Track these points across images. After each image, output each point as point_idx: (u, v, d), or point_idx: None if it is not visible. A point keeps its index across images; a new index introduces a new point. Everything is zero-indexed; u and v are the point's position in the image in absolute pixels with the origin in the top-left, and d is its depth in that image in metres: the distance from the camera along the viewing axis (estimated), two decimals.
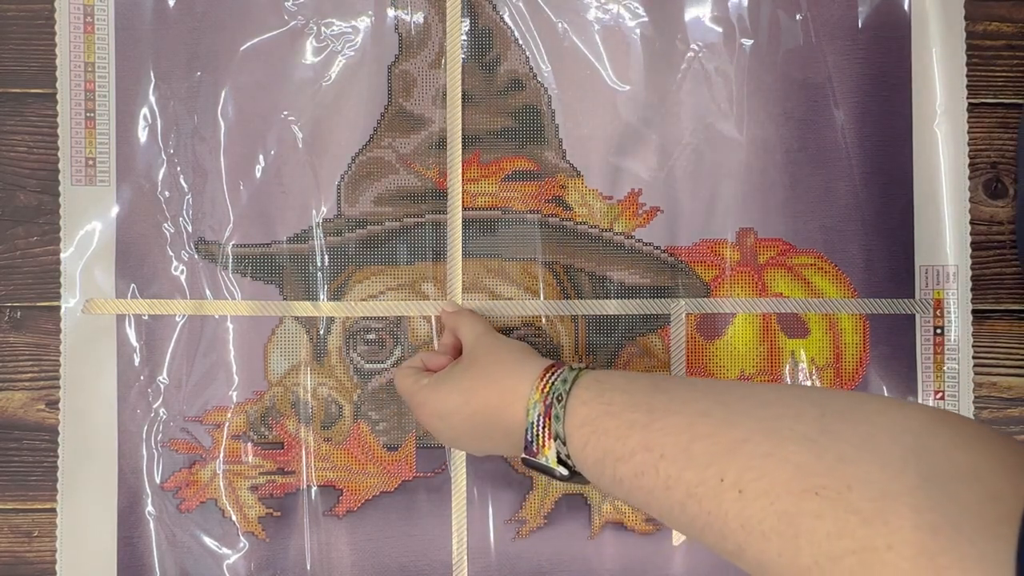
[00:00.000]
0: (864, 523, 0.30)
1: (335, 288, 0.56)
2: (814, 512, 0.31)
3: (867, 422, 0.33)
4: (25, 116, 0.56)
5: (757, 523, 0.32)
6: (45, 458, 0.55)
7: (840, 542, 0.30)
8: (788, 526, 0.32)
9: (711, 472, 0.34)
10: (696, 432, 0.36)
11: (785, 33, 0.56)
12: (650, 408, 0.39)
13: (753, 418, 0.36)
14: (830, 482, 0.31)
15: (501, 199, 0.56)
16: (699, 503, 0.35)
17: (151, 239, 0.55)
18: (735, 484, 0.33)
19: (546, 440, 0.42)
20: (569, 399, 0.41)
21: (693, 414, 0.37)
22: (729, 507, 0.33)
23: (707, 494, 0.34)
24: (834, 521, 0.31)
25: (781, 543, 0.32)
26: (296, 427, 0.56)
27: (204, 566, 0.55)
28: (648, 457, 0.37)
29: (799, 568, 0.31)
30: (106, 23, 0.55)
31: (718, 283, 0.56)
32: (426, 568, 0.56)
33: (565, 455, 0.41)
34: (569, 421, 0.41)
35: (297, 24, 0.56)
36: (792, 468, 0.32)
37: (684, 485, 0.35)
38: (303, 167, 0.56)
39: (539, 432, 0.42)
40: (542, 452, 0.42)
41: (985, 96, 0.57)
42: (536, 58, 0.56)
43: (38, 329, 0.55)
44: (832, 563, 0.30)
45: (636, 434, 0.38)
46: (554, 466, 0.42)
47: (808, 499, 0.31)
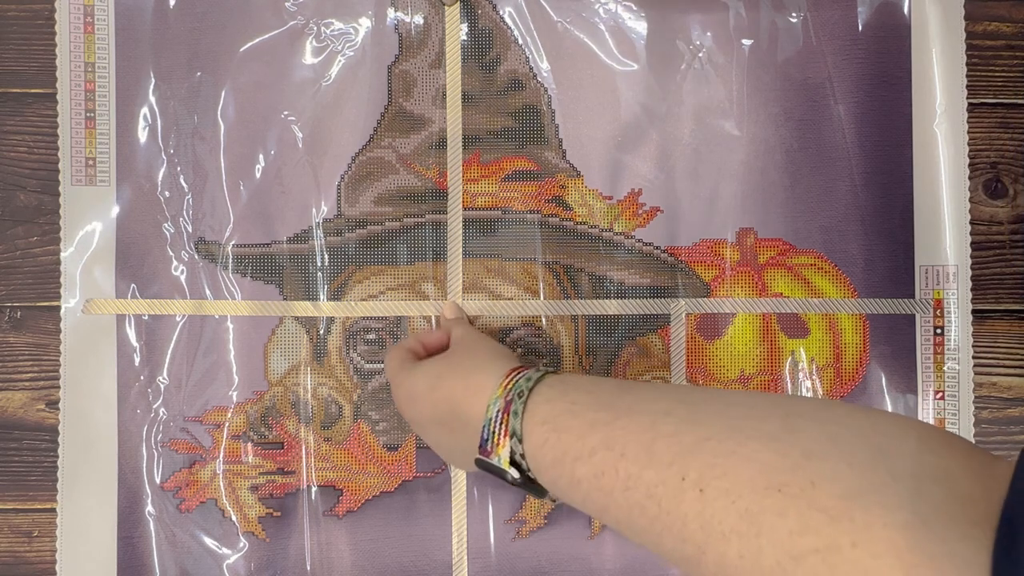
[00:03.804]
0: (830, 520, 0.29)
1: (335, 288, 0.56)
2: (777, 510, 0.30)
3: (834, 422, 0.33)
4: (25, 116, 0.56)
5: (718, 523, 0.31)
6: (45, 458, 0.55)
7: (803, 540, 0.29)
8: (750, 525, 0.30)
9: (672, 471, 0.33)
10: (659, 431, 0.35)
11: (785, 33, 0.56)
12: (613, 407, 0.38)
13: (717, 417, 0.35)
14: (794, 479, 0.30)
15: (501, 199, 0.56)
16: (659, 504, 0.33)
17: (151, 239, 0.55)
18: (696, 483, 0.32)
19: (501, 437, 0.40)
20: (531, 396, 0.40)
21: (656, 413, 0.36)
22: (689, 507, 0.32)
23: (667, 494, 0.33)
24: (797, 518, 0.29)
25: (742, 544, 0.31)
26: (296, 427, 0.56)
27: (204, 566, 0.55)
28: (608, 456, 0.36)
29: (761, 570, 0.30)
30: (106, 23, 0.55)
31: (718, 283, 0.56)
32: (426, 568, 0.56)
33: (520, 454, 0.40)
34: (528, 418, 0.39)
35: (297, 24, 0.56)
36: (755, 466, 0.31)
37: (644, 485, 0.34)
38: (303, 167, 0.56)
39: (495, 429, 0.40)
40: (496, 451, 0.40)
41: (985, 96, 0.57)
42: (536, 58, 0.56)
43: (38, 329, 0.55)
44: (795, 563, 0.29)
45: (597, 432, 0.37)
46: (505, 467, 0.40)
47: (771, 496, 0.30)
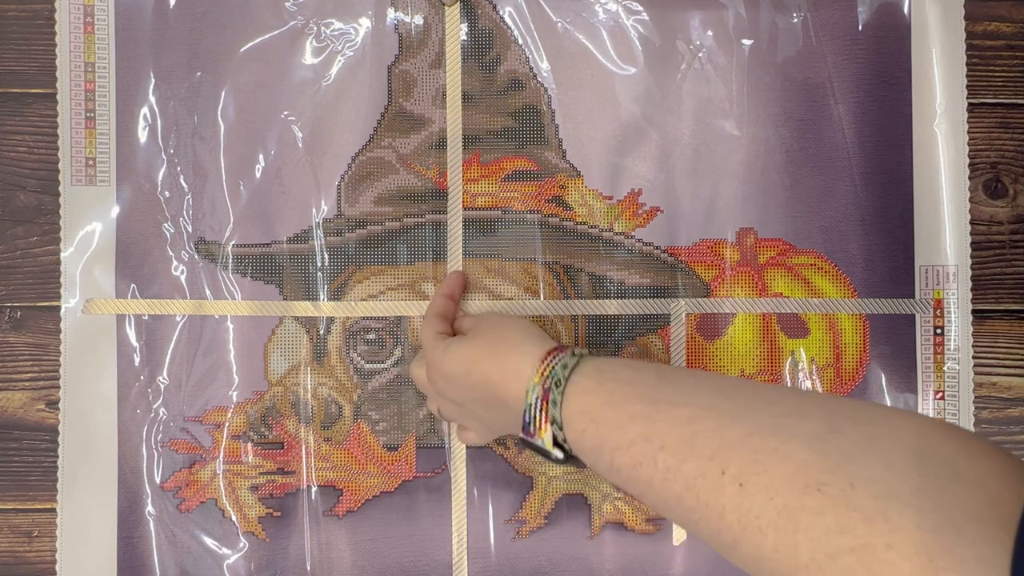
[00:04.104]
0: (866, 521, 0.30)
1: (335, 288, 0.56)
2: (815, 508, 0.31)
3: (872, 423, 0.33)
4: (25, 116, 0.56)
5: (755, 518, 0.32)
6: (45, 458, 0.55)
7: (840, 539, 0.30)
8: (787, 521, 0.31)
9: (712, 465, 0.34)
10: (700, 425, 0.36)
11: (785, 33, 0.56)
12: (653, 400, 0.38)
13: (760, 414, 0.35)
14: (834, 479, 0.31)
15: (501, 199, 0.56)
16: (697, 496, 0.34)
17: (151, 239, 0.55)
18: (736, 478, 0.33)
19: (543, 423, 0.41)
20: (568, 386, 0.41)
21: (697, 407, 0.37)
22: (727, 501, 0.33)
23: (706, 487, 0.34)
24: (835, 518, 0.30)
25: (778, 538, 0.32)
26: (296, 427, 0.56)
27: (204, 566, 0.55)
28: (647, 448, 0.36)
29: (796, 565, 0.31)
30: (106, 23, 0.55)
31: (718, 283, 0.56)
32: (426, 568, 0.56)
33: (562, 439, 0.41)
34: (567, 408, 0.41)
35: (297, 24, 0.56)
36: (796, 464, 0.32)
37: (683, 477, 0.35)
38: (303, 167, 0.56)
39: (536, 415, 0.42)
40: (539, 434, 0.42)
41: (985, 96, 0.57)
42: (536, 58, 0.56)
43: (38, 329, 0.55)
44: (830, 560, 0.30)
45: (636, 425, 0.37)
46: (550, 449, 0.42)
47: (810, 495, 0.31)
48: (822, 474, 0.32)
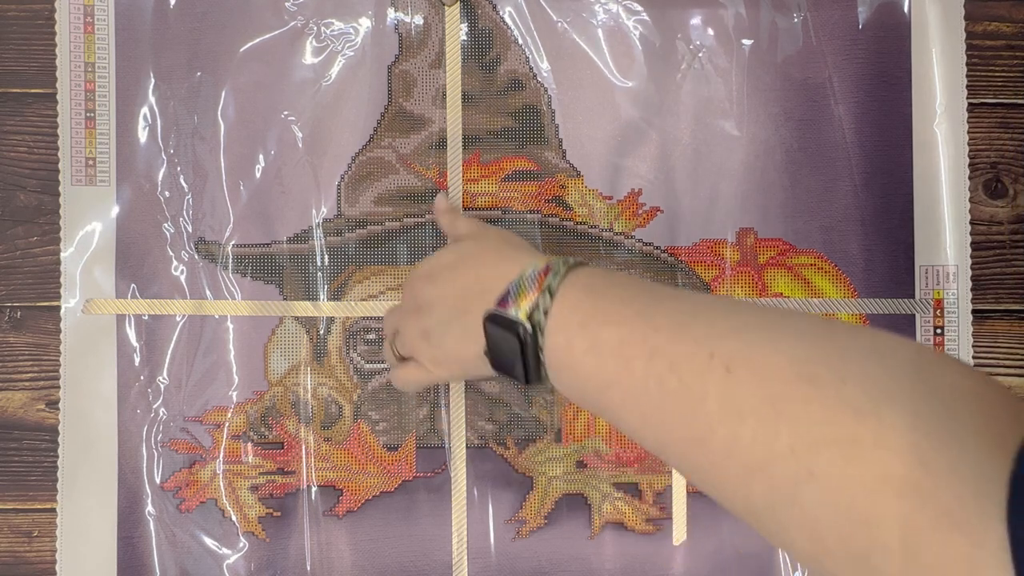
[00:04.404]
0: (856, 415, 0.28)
1: (335, 288, 0.56)
2: (803, 398, 0.29)
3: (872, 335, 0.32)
4: (25, 116, 0.56)
5: (738, 403, 0.31)
6: (45, 458, 0.55)
7: (825, 430, 0.28)
8: (771, 408, 0.30)
9: (701, 348, 0.32)
10: (696, 314, 0.34)
11: (785, 33, 0.56)
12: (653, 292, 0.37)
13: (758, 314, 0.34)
14: (826, 373, 0.29)
15: (501, 199, 0.56)
16: (680, 377, 0.32)
17: (151, 239, 0.55)
18: (724, 362, 0.31)
19: (531, 291, 0.38)
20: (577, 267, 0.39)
21: (696, 301, 0.36)
22: (712, 385, 0.31)
23: (692, 369, 0.32)
24: (823, 408, 0.29)
25: (758, 425, 0.30)
26: (296, 427, 0.56)
27: (204, 566, 0.55)
28: (640, 325, 0.35)
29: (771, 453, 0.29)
30: (106, 23, 0.55)
31: (718, 283, 0.56)
32: (426, 568, 0.56)
33: (543, 312, 0.38)
34: (568, 282, 0.38)
35: (297, 24, 0.56)
36: (788, 356, 0.31)
37: (669, 358, 0.33)
38: (303, 167, 0.56)
39: (527, 284, 0.39)
40: (517, 304, 0.39)
41: (985, 96, 0.57)
42: (536, 58, 0.56)
43: (38, 329, 0.55)
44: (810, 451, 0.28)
45: (635, 305, 0.36)
46: (521, 319, 0.38)
47: (800, 385, 0.30)
48: (815, 367, 0.30)
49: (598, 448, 0.56)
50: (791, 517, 0.29)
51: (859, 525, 0.27)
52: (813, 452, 0.28)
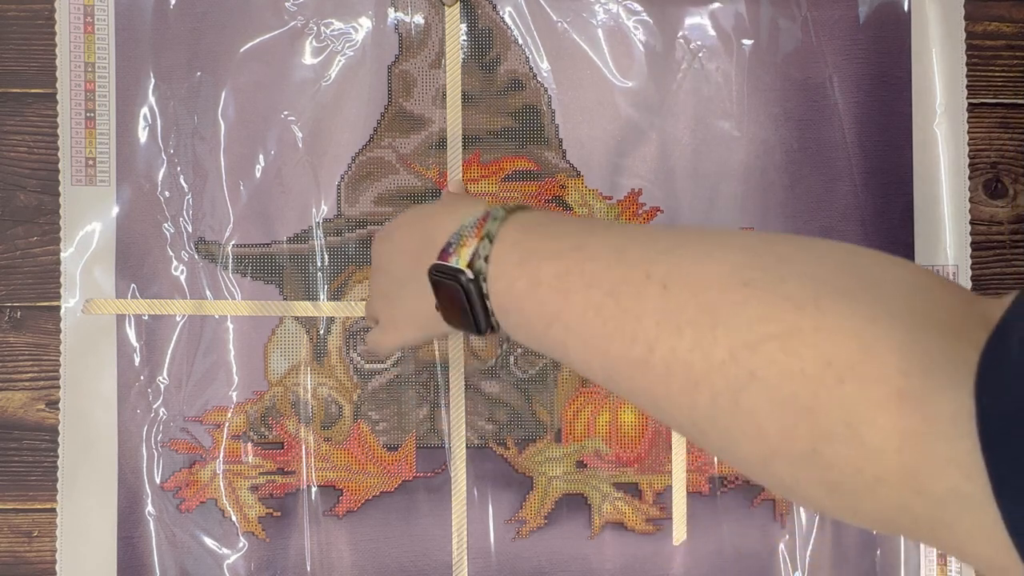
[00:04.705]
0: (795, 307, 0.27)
1: (335, 288, 0.56)
2: (740, 301, 0.28)
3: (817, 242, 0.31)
4: (25, 116, 0.56)
5: (675, 316, 0.30)
6: (45, 458, 0.55)
7: (762, 327, 0.28)
8: (708, 316, 0.29)
9: (638, 270, 0.32)
10: (633, 238, 0.34)
11: (785, 33, 0.56)
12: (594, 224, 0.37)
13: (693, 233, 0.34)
14: (763, 275, 0.29)
15: (501, 199, 0.56)
16: (617, 301, 0.32)
17: (151, 239, 0.55)
18: (661, 280, 0.31)
19: (470, 239, 0.38)
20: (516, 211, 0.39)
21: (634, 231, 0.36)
22: (648, 303, 0.31)
23: (628, 292, 0.32)
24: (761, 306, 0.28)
25: (696, 335, 0.29)
26: (296, 427, 0.56)
27: (204, 566, 0.55)
28: (577, 257, 0.34)
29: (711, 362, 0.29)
30: (106, 23, 0.55)
31: None
32: (426, 568, 0.56)
33: (483, 257, 0.38)
34: (506, 225, 0.38)
35: (297, 24, 0.56)
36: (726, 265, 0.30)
37: (607, 283, 0.33)
38: (303, 167, 0.56)
39: (466, 233, 0.38)
40: (457, 252, 0.38)
41: (985, 96, 0.57)
42: (536, 58, 0.56)
43: (38, 329, 0.55)
44: (750, 351, 0.28)
45: (571, 238, 0.36)
46: (462, 267, 0.38)
47: (736, 290, 0.29)
48: (752, 272, 0.29)
49: (598, 448, 0.56)
50: (735, 424, 0.29)
51: (802, 417, 0.27)
52: (752, 352, 0.28)
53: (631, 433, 0.56)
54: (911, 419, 0.25)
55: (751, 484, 0.56)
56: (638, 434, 0.56)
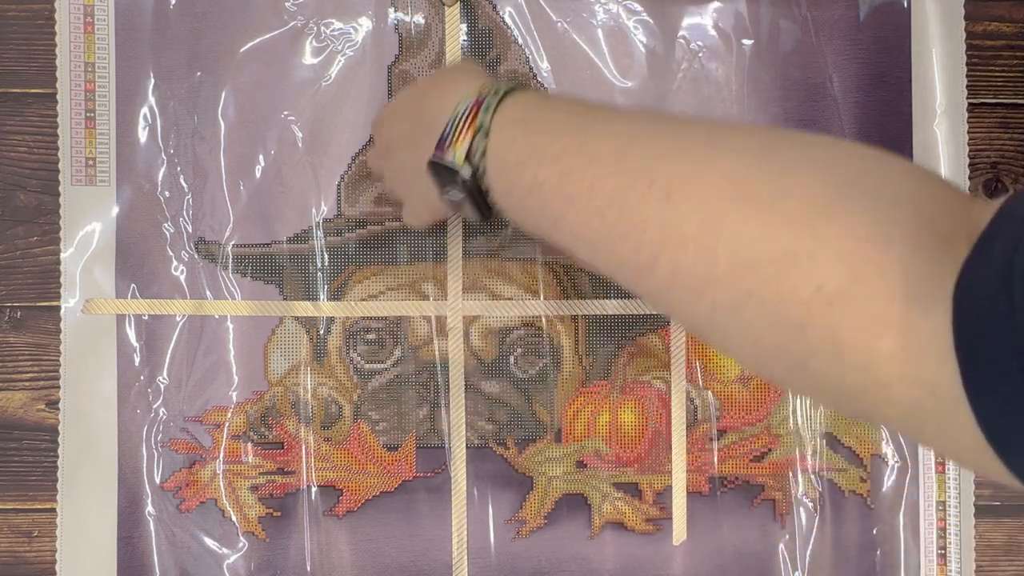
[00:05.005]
0: (790, 229, 0.29)
1: (335, 288, 0.56)
2: (741, 218, 0.30)
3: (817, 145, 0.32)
4: (25, 116, 0.56)
5: (677, 229, 0.31)
6: (45, 458, 0.55)
7: (761, 248, 0.29)
8: (709, 232, 0.30)
9: (640, 177, 0.32)
10: (634, 138, 0.34)
11: (785, 33, 0.56)
12: (594, 115, 0.37)
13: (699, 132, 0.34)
14: (764, 190, 0.30)
15: None
16: (620, 210, 0.32)
17: (151, 239, 0.55)
18: (663, 188, 0.31)
19: (463, 132, 0.38)
20: (509, 95, 0.38)
21: (637, 123, 0.36)
22: (651, 213, 0.31)
23: (631, 200, 0.32)
24: (760, 226, 0.29)
25: (698, 251, 0.30)
26: (296, 427, 0.56)
27: (204, 566, 0.55)
28: (578, 159, 0.34)
29: (712, 277, 0.30)
30: (106, 23, 0.55)
31: None
32: (426, 568, 0.56)
33: (480, 152, 0.37)
34: (500, 115, 0.37)
35: (297, 24, 0.56)
36: (727, 177, 0.31)
37: (609, 190, 0.33)
38: (303, 167, 0.56)
39: (460, 124, 0.38)
40: (453, 146, 0.38)
41: (985, 96, 0.57)
42: (536, 58, 0.56)
43: (38, 329, 0.55)
44: (748, 270, 0.29)
45: (571, 135, 0.35)
46: (459, 163, 0.38)
47: (737, 206, 0.30)
48: (753, 185, 0.30)
49: (598, 448, 0.56)
50: (734, 331, 0.31)
51: (794, 334, 0.29)
52: (750, 272, 0.29)
53: (631, 433, 0.56)
54: (888, 342, 0.27)
55: (751, 484, 0.56)
56: (638, 434, 0.56)
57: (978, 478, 0.56)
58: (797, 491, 0.56)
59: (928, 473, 0.56)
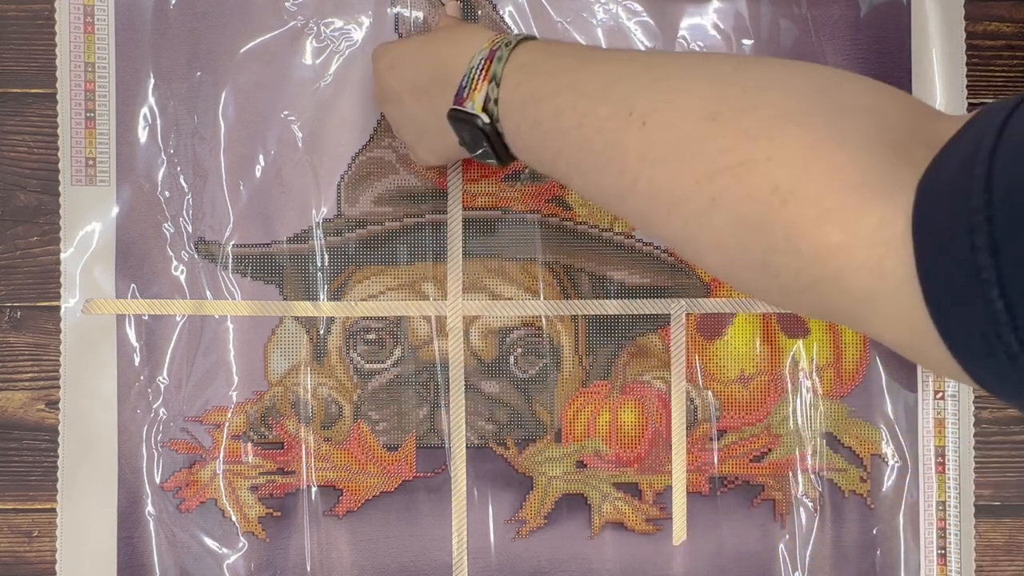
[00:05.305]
0: (749, 139, 0.31)
1: (335, 288, 0.56)
2: (707, 135, 0.32)
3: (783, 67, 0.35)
4: (25, 116, 0.56)
5: (653, 151, 0.34)
6: (45, 458, 0.55)
7: (723, 158, 0.32)
8: (680, 151, 0.33)
9: (622, 107, 0.35)
10: (620, 74, 0.37)
11: (785, 33, 0.56)
12: (586, 57, 0.40)
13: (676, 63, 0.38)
14: (729, 108, 0.32)
15: (501, 199, 0.56)
16: (606, 138, 0.36)
17: (151, 239, 0.55)
18: (641, 117, 0.34)
19: (480, 82, 0.41)
20: (518, 46, 0.42)
21: (623, 60, 0.39)
22: (631, 139, 0.35)
23: (614, 127, 0.35)
24: (723, 139, 0.32)
25: (670, 168, 0.33)
26: (296, 427, 0.56)
27: (204, 566, 0.55)
28: (570, 95, 0.38)
29: (683, 190, 0.33)
30: (106, 23, 0.55)
31: (718, 283, 0.56)
32: (426, 568, 0.56)
33: (494, 100, 0.41)
34: (510, 63, 0.41)
35: (297, 24, 0.56)
36: (696, 99, 0.34)
37: (596, 120, 0.36)
38: (303, 167, 0.56)
39: (476, 75, 0.42)
40: (471, 96, 0.42)
41: (985, 96, 0.57)
42: None
43: (38, 329, 0.55)
44: (711, 180, 0.32)
45: (566, 75, 0.39)
46: (478, 111, 0.41)
47: (705, 124, 0.33)
48: (719, 105, 0.33)
49: (598, 448, 0.56)
50: (703, 240, 0.33)
51: (754, 234, 0.31)
52: (714, 181, 0.32)
53: (631, 433, 0.56)
54: (837, 234, 0.29)
55: (751, 484, 0.56)
56: (638, 434, 0.56)
57: (978, 478, 0.56)
58: (797, 491, 0.56)
59: (928, 473, 0.56)
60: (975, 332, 0.26)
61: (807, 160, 0.30)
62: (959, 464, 0.56)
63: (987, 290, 0.25)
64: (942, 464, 0.56)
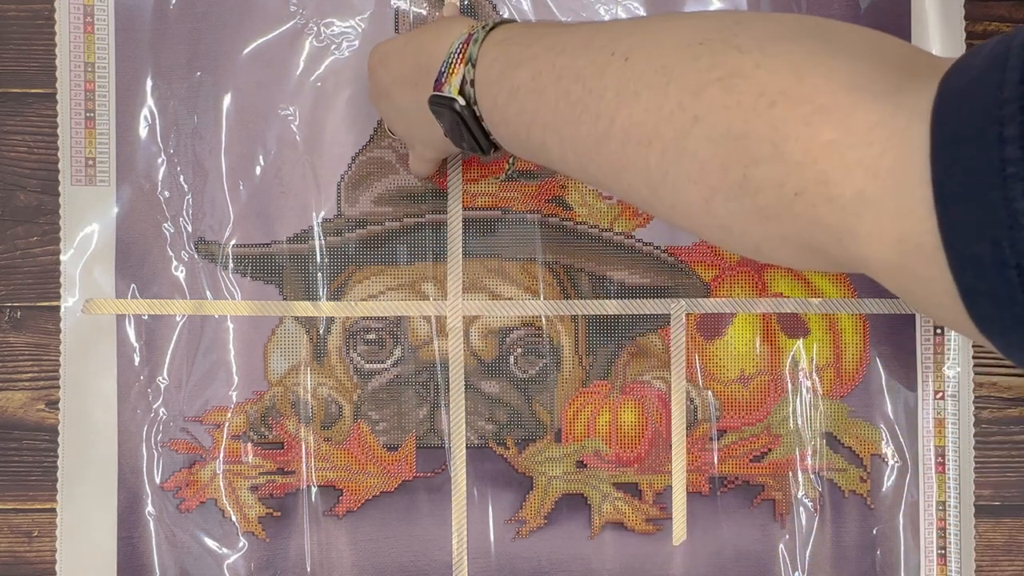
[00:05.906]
0: (739, 53, 0.29)
1: (335, 288, 0.56)
2: (693, 56, 0.30)
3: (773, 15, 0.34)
4: (25, 116, 0.56)
5: (633, 82, 0.32)
6: (45, 458, 0.55)
7: (710, 73, 0.30)
8: (662, 76, 0.31)
9: (604, 52, 0.34)
10: (599, 29, 0.36)
11: None
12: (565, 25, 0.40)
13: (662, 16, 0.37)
14: (718, 35, 0.31)
15: (501, 199, 0.56)
16: (584, 83, 0.34)
17: (151, 239, 0.55)
18: (624, 54, 0.33)
19: (456, 65, 0.40)
20: (497, 27, 0.41)
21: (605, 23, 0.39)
22: (610, 78, 0.33)
23: (593, 72, 0.34)
24: (710, 57, 0.30)
25: (650, 95, 0.31)
26: (296, 427, 0.56)
27: (204, 566, 0.55)
28: (548, 55, 0.36)
29: (662, 115, 0.31)
30: (106, 23, 0.55)
31: (718, 283, 0.56)
32: (426, 568, 0.56)
33: (471, 81, 0.40)
34: (486, 43, 0.40)
35: (297, 24, 0.56)
36: (685, 31, 0.32)
37: (575, 70, 0.35)
38: (303, 167, 0.56)
39: (453, 60, 0.41)
40: (448, 80, 0.41)
41: None
42: None
43: (38, 329, 0.55)
44: (695, 96, 0.30)
45: (544, 40, 0.38)
46: (454, 95, 0.40)
47: (690, 48, 0.31)
48: (708, 34, 0.31)
49: (598, 448, 0.56)
50: (681, 170, 0.31)
51: (736, 146, 0.29)
52: (697, 96, 0.30)
53: (631, 433, 0.56)
54: (829, 131, 0.27)
55: (751, 484, 0.56)
56: (638, 434, 0.56)
57: (978, 478, 0.56)
58: (797, 491, 0.56)
59: (928, 473, 0.56)
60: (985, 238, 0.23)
61: (800, 66, 0.28)
62: (959, 464, 0.56)
63: (1010, 187, 0.23)
64: (942, 464, 0.56)
